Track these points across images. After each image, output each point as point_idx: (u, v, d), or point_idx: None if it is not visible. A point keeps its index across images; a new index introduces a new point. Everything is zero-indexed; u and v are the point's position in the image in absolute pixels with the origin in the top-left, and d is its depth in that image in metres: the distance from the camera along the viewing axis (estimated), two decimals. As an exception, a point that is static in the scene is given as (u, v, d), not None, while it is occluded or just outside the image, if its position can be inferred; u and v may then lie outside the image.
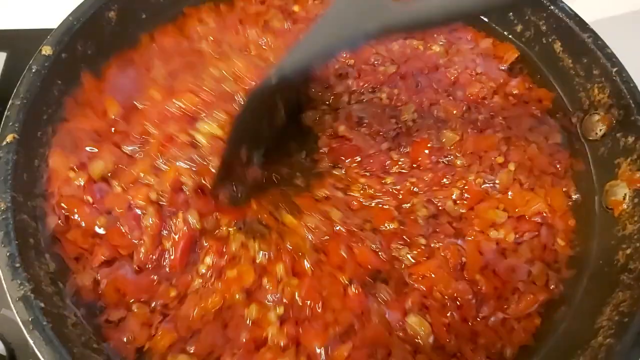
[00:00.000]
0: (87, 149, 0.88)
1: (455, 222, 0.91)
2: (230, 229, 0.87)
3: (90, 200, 0.85)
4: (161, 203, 0.86)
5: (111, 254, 0.82)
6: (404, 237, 0.89)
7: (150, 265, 0.83)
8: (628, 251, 0.85)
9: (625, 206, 0.90)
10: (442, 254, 0.87)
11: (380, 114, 1.00)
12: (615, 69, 0.94)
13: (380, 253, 0.87)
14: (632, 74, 0.94)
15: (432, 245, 0.88)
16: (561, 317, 0.86)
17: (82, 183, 0.85)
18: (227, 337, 0.79)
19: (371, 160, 0.96)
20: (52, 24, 0.90)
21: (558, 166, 0.98)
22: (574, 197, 0.96)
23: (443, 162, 0.96)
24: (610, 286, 0.83)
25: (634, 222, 0.87)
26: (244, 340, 0.78)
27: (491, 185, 0.94)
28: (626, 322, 0.76)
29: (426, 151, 0.97)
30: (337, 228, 0.88)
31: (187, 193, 0.87)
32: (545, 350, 0.84)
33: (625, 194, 0.90)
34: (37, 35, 0.88)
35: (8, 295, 0.69)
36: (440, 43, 1.12)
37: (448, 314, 0.83)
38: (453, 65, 1.08)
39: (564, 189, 0.96)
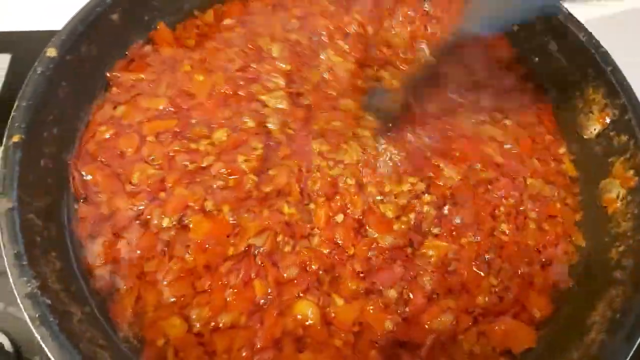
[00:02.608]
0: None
1: None
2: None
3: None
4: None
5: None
6: None
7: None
8: (621, 248, 0.87)
9: (618, 204, 0.91)
10: None
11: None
12: (609, 68, 0.95)
13: None
14: (626, 73, 0.95)
15: None
16: (558, 312, 0.88)
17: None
18: None
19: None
20: (55, 25, 0.91)
21: None
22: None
23: None
24: (604, 283, 0.85)
25: (627, 219, 0.89)
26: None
27: None
28: (618, 319, 0.78)
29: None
30: None
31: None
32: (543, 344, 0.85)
33: (618, 192, 0.92)
34: (41, 37, 0.89)
35: (15, 292, 0.70)
36: None
37: None
38: None
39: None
